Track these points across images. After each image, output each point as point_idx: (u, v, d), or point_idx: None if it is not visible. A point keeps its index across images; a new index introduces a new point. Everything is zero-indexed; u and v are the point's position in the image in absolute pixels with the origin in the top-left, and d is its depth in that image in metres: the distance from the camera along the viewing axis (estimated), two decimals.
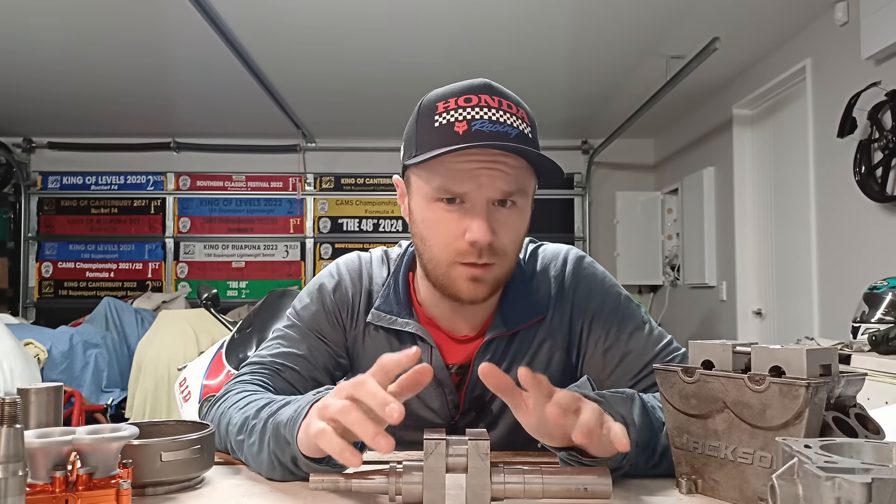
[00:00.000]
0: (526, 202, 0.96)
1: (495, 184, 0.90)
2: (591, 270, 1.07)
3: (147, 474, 0.74)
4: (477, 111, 0.91)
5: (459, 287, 0.94)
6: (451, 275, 0.94)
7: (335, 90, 4.54)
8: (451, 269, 0.94)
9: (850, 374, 0.69)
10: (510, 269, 0.97)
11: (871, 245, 3.02)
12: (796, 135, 3.71)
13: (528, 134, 0.93)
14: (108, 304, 4.70)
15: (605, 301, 1.04)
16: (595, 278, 1.06)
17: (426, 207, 0.95)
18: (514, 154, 0.90)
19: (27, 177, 5.88)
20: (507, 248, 0.94)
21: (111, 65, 4.06)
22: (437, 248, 0.95)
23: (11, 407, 0.58)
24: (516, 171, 0.91)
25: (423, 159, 0.91)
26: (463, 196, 0.91)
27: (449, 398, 1.03)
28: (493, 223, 0.91)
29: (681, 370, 0.75)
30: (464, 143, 0.88)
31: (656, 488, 0.79)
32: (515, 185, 0.92)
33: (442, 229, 0.93)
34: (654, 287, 5.84)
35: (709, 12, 3.31)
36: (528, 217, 0.98)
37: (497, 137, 0.89)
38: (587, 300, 1.04)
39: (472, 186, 0.90)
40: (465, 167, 0.89)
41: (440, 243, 0.94)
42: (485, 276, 0.94)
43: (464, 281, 0.94)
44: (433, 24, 3.49)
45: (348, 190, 6.01)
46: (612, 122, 5.00)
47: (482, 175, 0.89)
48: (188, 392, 2.76)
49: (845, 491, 0.46)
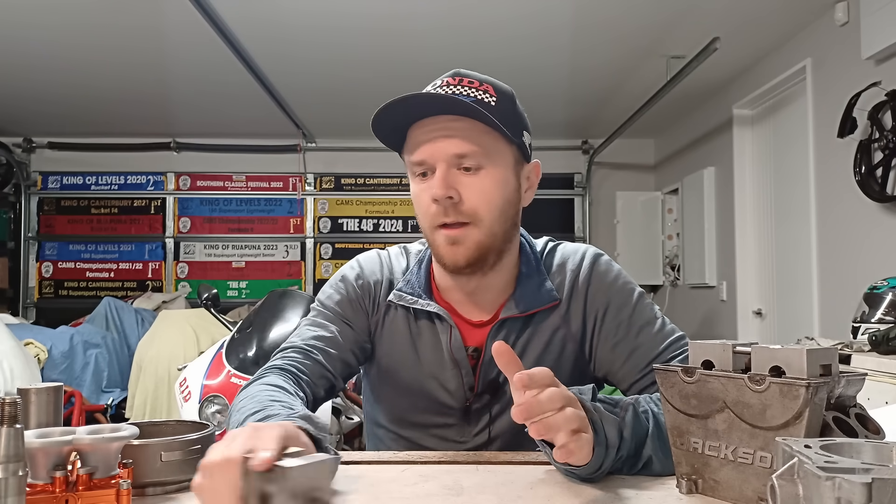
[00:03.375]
0: (495, 168, 1.01)
1: (447, 146, 0.97)
2: (606, 267, 1.10)
3: (147, 474, 0.74)
4: (435, 88, 1.01)
5: (441, 253, 1.01)
6: (435, 241, 1.02)
7: (335, 90, 4.54)
8: (433, 236, 1.02)
9: (850, 374, 0.69)
10: (492, 235, 1.01)
11: (871, 245, 3.02)
12: (796, 135, 3.71)
13: (489, 102, 1.00)
14: (109, 304, 4.69)
15: (617, 296, 1.07)
16: (609, 274, 1.09)
17: (412, 186, 1.05)
18: (464, 116, 0.97)
19: (27, 177, 5.88)
20: (477, 210, 0.99)
21: (111, 65, 4.06)
22: (420, 218, 1.04)
23: (11, 407, 0.58)
24: (469, 133, 0.98)
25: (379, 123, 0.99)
26: (426, 164, 0.99)
27: (465, 380, 1.06)
28: (457, 185, 0.98)
29: (681, 370, 0.75)
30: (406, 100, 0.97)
31: (656, 488, 0.79)
32: (470, 146, 0.97)
33: (420, 200, 1.02)
34: (654, 287, 5.84)
35: (709, 12, 3.31)
36: (505, 186, 1.02)
37: (443, 102, 0.98)
38: (600, 295, 1.07)
39: (428, 152, 0.99)
40: (423, 137, 0.99)
41: (420, 213, 1.03)
42: (460, 238, 0.99)
43: (443, 245, 1.00)
44: (433, 24, 3.49)
45: (348, 190, 6.01)
46: (612, 122, 4.99)
47: (436, 140, 0.98)
48: (188, 392, 2.75)
49: (845, 491, 0.46)
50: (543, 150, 5.90)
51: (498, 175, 1.01)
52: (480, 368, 1.06)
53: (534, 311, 1.05)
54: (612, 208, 5.79)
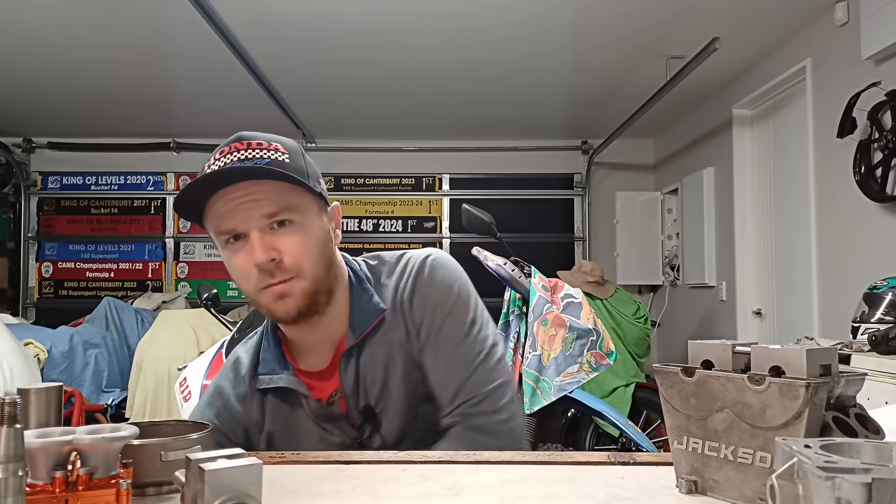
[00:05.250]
0: (305, 218, 1.03)
1: (256, 210, 0.99)
2: (430, 273, 1.10)
3: (147, 474, 0.74)
4: (227, 158, 1.02)
5: (272, 309, 1.03)
6: (262, 302, 1.03)
7: (335, 90, 4.54)
8: (259, 297, 1.03)
9: (850, 374, 0.69)
10: (317, 280, 1.03)
11: (871, 245, 3.02)
12: (796, 135, 3.71)
13: (282, 160, 1.03)
14: (109, 304, 4.70)
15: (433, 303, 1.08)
16: (433, 280, 1.10)
17: (223, 253, 1.05)
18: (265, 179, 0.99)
19: (27, 177, 5.88)
20: (299, 263, 1.01)
21: (111, 65, 4.06)
22: (241, 284, 1.04)
23: (11, 407, 0.58)
24: (274, 194, 1.00)
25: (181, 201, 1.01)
26: (236, 231, 1.01)
27: (342, 425, 1.09)
28: (274, 243, 1.00)
29: (681, 370, 0.75)
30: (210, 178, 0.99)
31: (656, 488, 0.79)
32: (277, 205, 1.00)
33: (236, 266, 1.03)
34: (653, 287, 5.84)
35: (709, 12, 3.31)
36: (316, 233, 1.05)
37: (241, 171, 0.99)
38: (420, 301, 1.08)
39: (238, 221, 1.00)
40: (226, 207, 1.00)
41: (241, 279, 1.03)
42: (288, 291, 1.01)
43: (272, 302, 1.02)
44: (434, 24, 3.48)
45: (348, 190, 6.01)
46: (612, 122, 4.99)
47: (242, 208, 0.99)
48: (188, 392, 2.76)
49: (845, 491, 0.46)
50: (543, 150, 5.90)
51: (308, 224, 1.04)
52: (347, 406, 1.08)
53: (367, 330, 1.07)
54: (612, 208, 5.79)
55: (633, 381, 3.95)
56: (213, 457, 0.63)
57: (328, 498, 0.75)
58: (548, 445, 2.55)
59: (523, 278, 2.54)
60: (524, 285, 2.52)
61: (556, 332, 2.42)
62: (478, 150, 5.92)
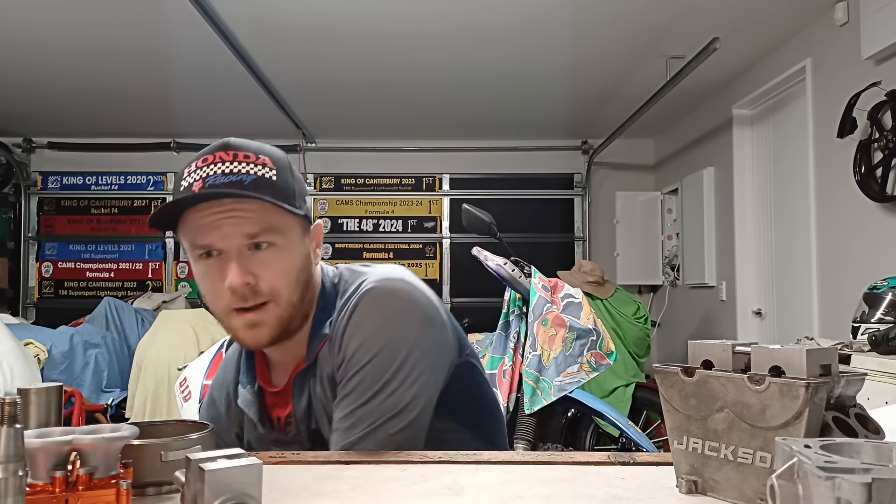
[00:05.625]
0: (287, 240, 0.99)
1: (237, 229, 0.95)
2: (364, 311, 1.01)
3: (147, 474, 0.74)
4: (212, 168, 0.96)
5: (240, 336, 1.00)
6: (231, 325, 1.00)
7: (335, 90, 4.54)
8: (229, 320, 0.99)
9: (850, 374, 0.69)
10: (291, 306, 1.00)
11: (871, 245, 3.02)
12: (796, 135, 3.71)
13: (270, 177, 0.98)
14: (109, 304, 4.70)
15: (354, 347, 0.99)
16: (362, 322, 1.00)
17: (194, 266, 1.01)
18: (249, 199, 0.95)
19: (27, 177, 5.88)
20: (275, 287, 0.97)
21: (111, 65, 4.06)
22: (211, 302, 1.01)
23: (11, 407, 0.58)
24: (257, 214, 0.96)
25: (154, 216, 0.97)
26: (213, 247, 0.96)
27: (294, 448, 1.06)
28: (251, 266, 0.96)
29: (681, 370, 0.75)
30: (196, 197, 0.94)
31: (656, 488, 0.79)
32: (259, 226, 0.96)
33: (208, 283, 0.99)
34: (653, 287, 5.84)
35: (709, 12, 3.31)
36: (297, 255, 1.01)
37: (229, 186, 0.95)
38: (347, 338, 1.01)
39: (216, 237, 0.96)
40: (206, 221, 0.95)
41: (210, 297, 1.00)
42: (260, 320, 0.98)
43: (242, 329, 0.99)
44: (434, 24, 3.48)
45: (348, 190, 6.01)
46: (612, 122, 5.00)
47: (223, 225, 0.95)
48: (188, 392, 2.75)
49: (845, 491, 0.46)
50: (543, 150, 5.90)
51: (290, 248, 1.00)
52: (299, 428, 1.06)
53: (315, 353, 1.04)
54: (612, 208, 5.79)
55: (633, 381, 3.95)
56: (213, 457, 0.63)
57: (328, 498, 0.75)
58: (548, 445, 2.55)
59: (523, 278, 2.54)
60: (524, 285, 2.53)
61: (556, 332, 2.42)
62: (478, 150, 5.92)
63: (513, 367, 2.48)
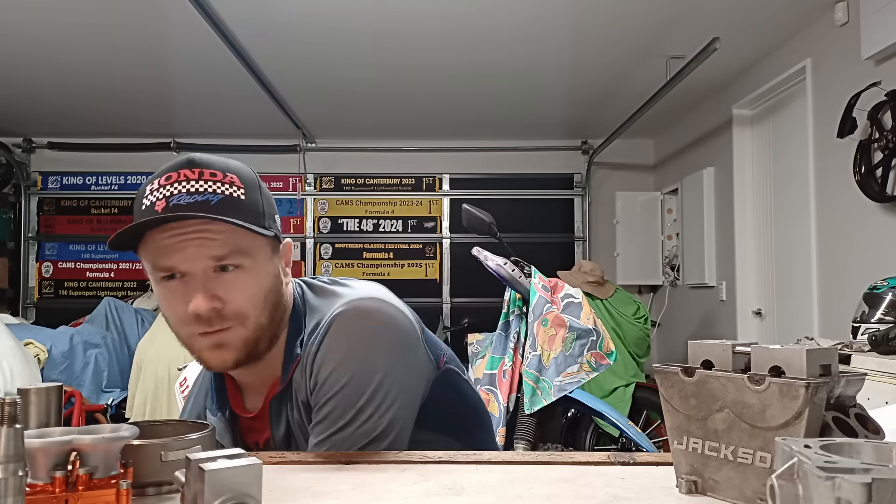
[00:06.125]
0: (256, 262, 0.95)
1: (202, 251, 0.91)
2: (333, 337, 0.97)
3: (147, 474, 0.74)
4: (175, 187, 0.92)
5: (205, 358, 0.96)
6: (195, 347, 0.96)
7: (335, 90, 4.54)
8: (192, 342, 0.96)
9: (850, 374, 0.69)
10: (259, 328, 0.96)
11: (871, 245, 3.02)
12: (796, 135, 3.71)
13: (238, 196, 0.94)
14: (109, 304, 4.69)
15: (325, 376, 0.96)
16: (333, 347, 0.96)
17: (156, 288, 0.96)
18: (215, 220, 0.90)
19: (27, 177, 5.88)
20: (241, 310, 0.94)
21: (111, 64, 4.06)
22: (174, 324, 0.96)
23: (11, 407, 0.58)
24: (224, 236, 0.92)
25: (119, 233, 0.91)
26: (176, 269, 0.92)
27: None
28: (217, 290, 0.92)
29: (681, 370, 0.75)
30: (160, 218, 0.90)
31: (656, 488, 0.79)
32: (226, 248, 0.92)
33: (171, 306, 0.94)
34: (653, 287, 5.84)
35: (709, 12, 3.31)
36: (265, 275, 0.97)
37: (195, 208, 0.90)
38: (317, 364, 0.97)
39: (180, 259, 0.91)
40: (169, 242, 0.91)
41: (173, 320, 0.96)
42: (226, 340, 0.94)
43: (206, 350, 0.95)
44: (434, 24, 3.48)
45: (348, 190, 6.01)
46: (612, 122, 5.00)
47: (187, 247, 0.91)
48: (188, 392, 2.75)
49: (845, 491, 0.46)
50: (543, 150, 5.90)
51: (258, 269, 0.96)
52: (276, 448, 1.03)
53: (289, 376, 1.00)
54: (612, 208, 5.79)
55: (633, 381, 3.95)
56: (213, 457, 0.63)
57: (328, 498, 0.75)
58: (548, 445, 2.55)
59: (523, 278, 2.54)
60: (524, 285, 2.53)
61: (556, 332, 2.42)
62: (478, 150, 5.92)
63: (513, 367, 2.48)
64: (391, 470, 0.87)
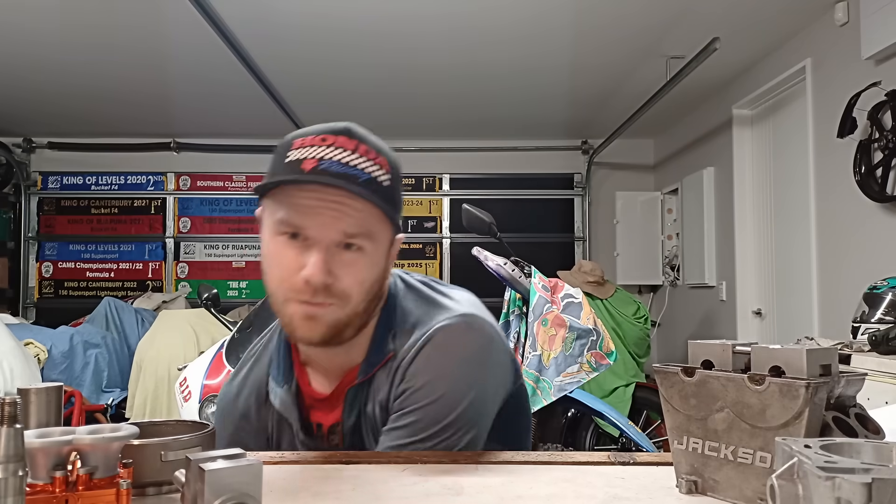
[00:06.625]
0: (376, 249, 0.94)
1: (336, 223, 0.90)
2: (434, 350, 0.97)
3: (147, 474, 0.74)
4: (329, 151, 0.91)
5: (295, 325, 0.93)
6: (287, 311, 0.93)
7: (335, 90, 4.54)
8: (286, 306, 0.93)
9: (850, 374, 0.69)
10: (353, 314, 0.94)
11: (871, 245, 3.02)
12: (796, 135, 3.71)
13: (382, 181, 0.93)
14: (109, 304, 4.70)
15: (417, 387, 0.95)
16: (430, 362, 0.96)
17: (270, 240, 0.94)
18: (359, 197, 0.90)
19: (27, 177, 5.88)
20: (348, 291, 0.92)
21: (111, 65, 4.06)
22: (275, 282, 0.94)
23: (11, 407, 0.58)
24: (362, 215, 0.91)
25: (263, 184, 0.91)
26: (303, 231, 0.90)
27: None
28: (332, 264, 0.90)
29: (681, 370, 0.75)
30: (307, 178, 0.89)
31: (656, 488, 0.79)
32: (359, 227, 0.91)
33: (280, 263, 0.92)
34: (653, 287, 5.84)
35: (709, 12, 3.31)
36: (378, 265, 0.96)
37: (345, 178, 0.90)
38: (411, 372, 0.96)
39: (313, 223, 0.90)
40: (308, 203, 0.90)
41: (277, 277, 0.93)
42: (320, 315, 0.92)
43: (298, 318, 0.92)
44: (434, 24, 3.48)
45: None
46: (612, 122, 5.00)
47: (324, 213, 0.90)
48: (188, 392, 2.76)
49: (845, 491, 0.46)
50: (543, 150, 5.90)
51: (376, 256, 0.95)
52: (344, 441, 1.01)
53: (374, 370, 0.99)
54: (612, 208, 5.79)
55: (633, 381, 3.95)
56: (213, 457, 0.63)
57: (328, 498, 0.75)
58: (548, 445, 2.55)
59: (523, 278, 2.54)
60: (524, 285, 2.53)
61: (556, 332, 2.43)
62: (478, 150, 5.92)
63: None
64: (391, 470, 0.87)
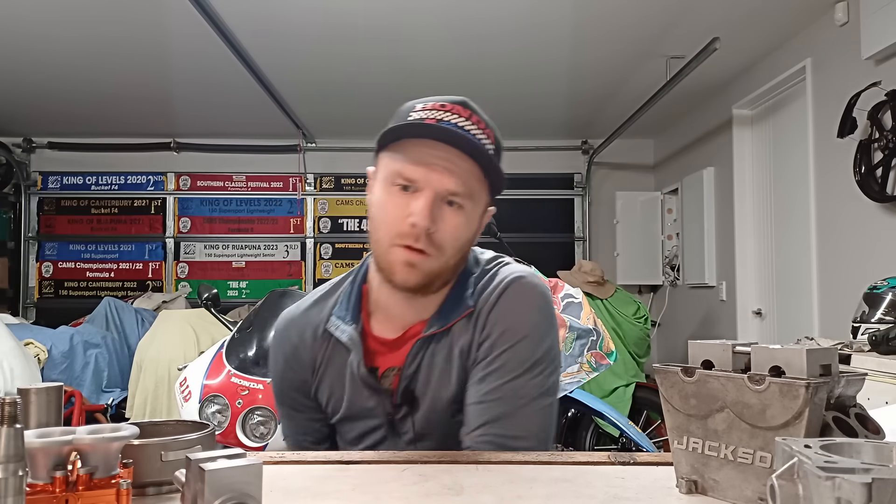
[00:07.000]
0: (473, 209, 1.04)
1: (445, 178, 0.99)
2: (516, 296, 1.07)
3: (147, 474, 0.74)
4: (447, 115, 1.03)
5: (395, 270, 1.01)
6: (390, 257, 1.02)
7: (336, 90, 4.54)
8: (391, 252, 1.01)
9: (850, 374, 0.69)
10: (446, 267, 1.03)
11: (871, 245, 3.02)
12: (796, 135, 3.71)
13: (488, 149, 1.04)
14: (109, 304, 4.69)
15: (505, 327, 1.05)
16: (516, 305, 1.06)
17: (382, 190, 1.04)
18: (470, 158, 1.00)
19: (27, 177, 5.88)
20: (444, 243, 1.01)
21: (111, 65, 4.06)
22: (383, 229, 1.02)
23: (11, 407, 0.58)
24: (467, 175, 1.01)
25: (386, 131, 1.01)
26: (415, 183, 1.00)
27: (382, 397, 1.08)
28: (437, 218, 1.00)
29: (681, 370, 0.75)
30: (428, 131, 0.99)
31: (656, 488, 0.79)
32: (464, 186, 1.01)
33: (390, 211, 1.02)
34: (653, 287, 5.84)
35: (709, 12, 3.31)
36: (472, 225, 1.06)
37: (458, 138, 1.00)
38: (495, 318, 1.06)
39: (426, 176, 0.99)
40: (424, 157, 1.00)
41: (386, 223, 1.02)
42: (419, 263, 1.00)
43: (399, 264, 1.01)
44: (434, 25, 3.48)
45: (348, 190, 6.01)
46: (612, 122, 5.00)
47: (436, 167, 0.99)
48: (188, 392, 2.75)
49: (845, 491, 0.46)
50: (543, 150, 5.90)
51: (472, 216, 1.05)
52: (398, 385, 1.07)
53: (450, 324, 1.07)
54: (612, 208, 5.79)
55: (633, 381, 3.95)
56: (213, 457, 0.63)
57: (328, 498, 0.75)
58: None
59: None
60: None
61: None
62: None
63: None
64: (391, 470, 0.87)
